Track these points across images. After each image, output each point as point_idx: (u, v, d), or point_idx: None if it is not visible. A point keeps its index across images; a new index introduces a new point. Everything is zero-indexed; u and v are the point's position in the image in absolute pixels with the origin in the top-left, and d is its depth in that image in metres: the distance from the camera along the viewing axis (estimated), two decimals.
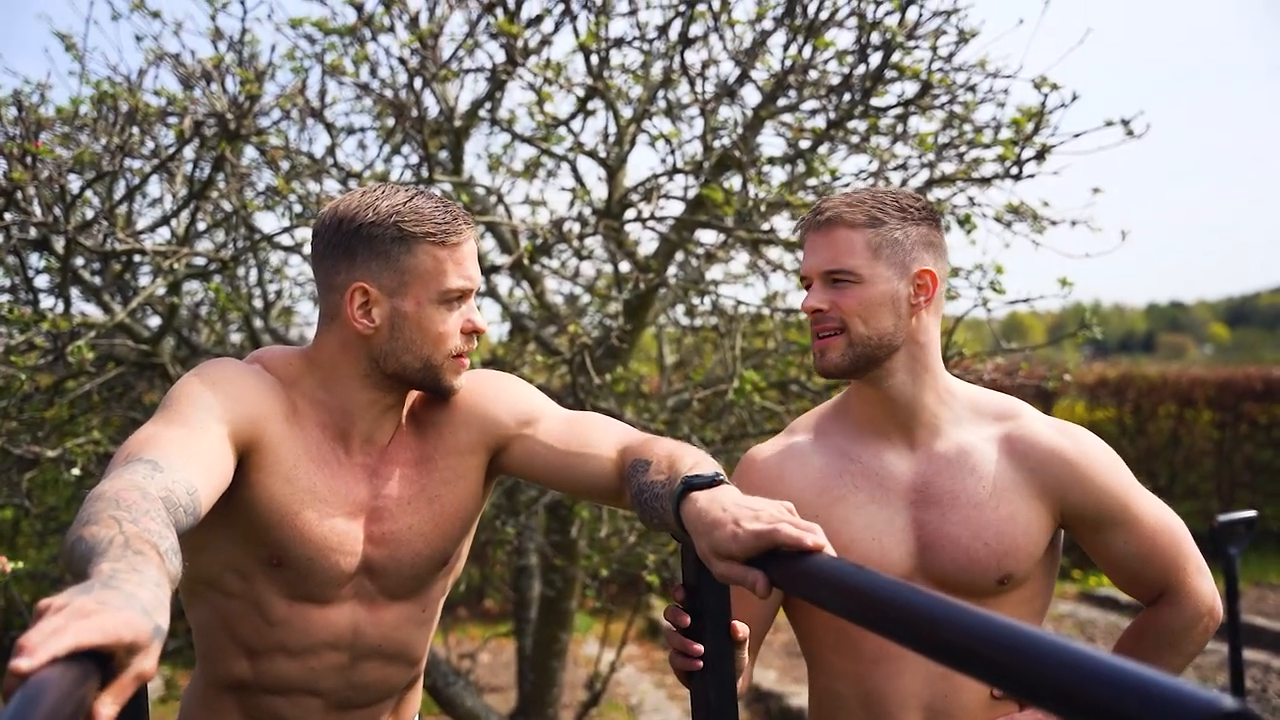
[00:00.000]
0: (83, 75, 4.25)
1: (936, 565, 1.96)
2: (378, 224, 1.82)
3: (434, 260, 1.83)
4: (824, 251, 1.97)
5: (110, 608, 1.09)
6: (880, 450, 2.03)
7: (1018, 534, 1.94)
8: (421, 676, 2.13)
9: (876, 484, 2.01)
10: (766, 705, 6.84)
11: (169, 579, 1.26)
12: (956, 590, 1.93)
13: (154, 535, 1.32)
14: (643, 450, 1.79)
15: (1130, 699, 0.85)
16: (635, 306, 4.53)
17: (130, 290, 4.37)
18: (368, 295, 1.84)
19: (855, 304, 1.95)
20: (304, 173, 4.14)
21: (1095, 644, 8.05)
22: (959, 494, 1.97)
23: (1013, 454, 2.00)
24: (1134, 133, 3.92)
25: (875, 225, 1.96)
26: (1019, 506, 1.96)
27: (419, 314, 1.84)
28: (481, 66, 4.33)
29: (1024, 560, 1.95)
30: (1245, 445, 11.39)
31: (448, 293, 1.84)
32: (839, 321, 1.96)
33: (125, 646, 1.08)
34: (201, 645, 1.96)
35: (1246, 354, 38.97)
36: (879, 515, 1.99)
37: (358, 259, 1.84)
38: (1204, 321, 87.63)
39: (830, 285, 1.97)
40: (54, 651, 1.01)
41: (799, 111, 4.31)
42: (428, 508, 1.95)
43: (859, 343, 1.95)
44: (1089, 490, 1.97)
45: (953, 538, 1.95)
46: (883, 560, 1.96)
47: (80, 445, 3.78)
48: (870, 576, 1.26)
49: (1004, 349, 4.40)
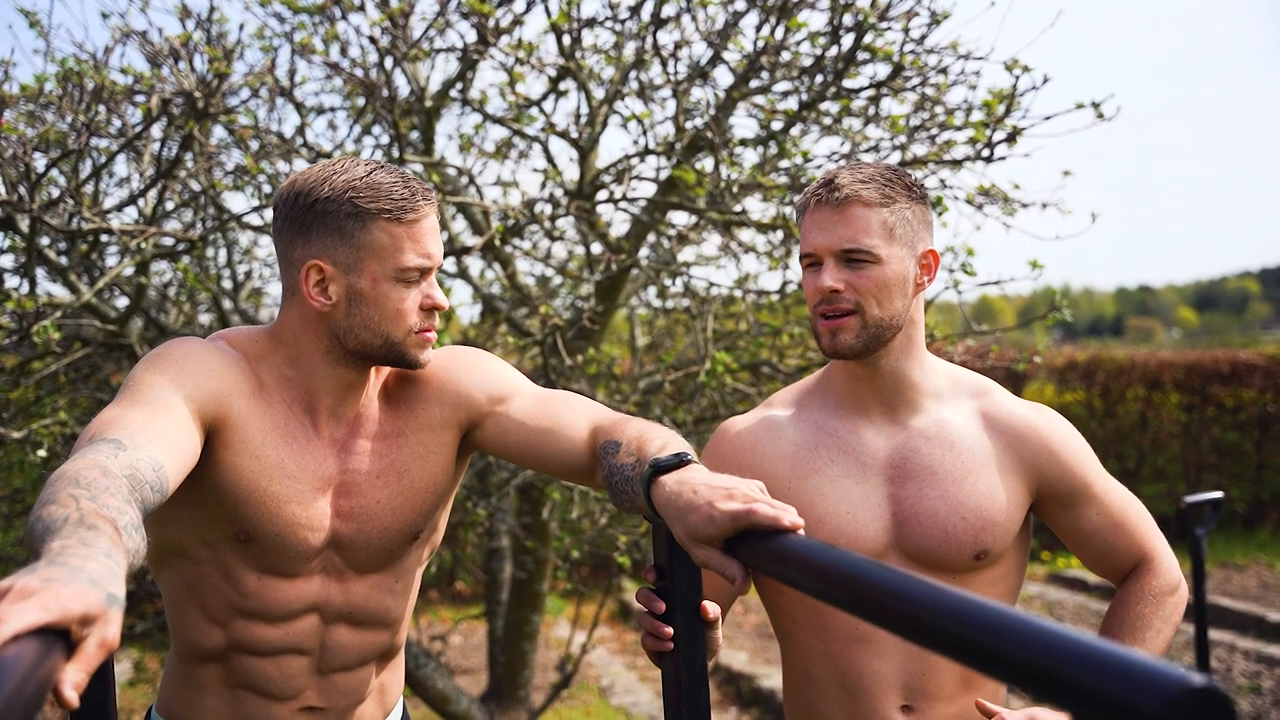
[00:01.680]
0: (48, 52, 4.20)
1: (913, 540, 1.95)
2: (333, 199, 1.80)
3: (390, 237, 1.80)
4: (841, 229, 1.92)
5: (55, 584, 1.07)
6: (858, 425, 2.03)
7: (995, 509, 1.95)
8: (403, 650, 2.11)
9: (853, 458, 2.00)
10: (738, 687, 6.86)
11: (125, 551, 1.24)
12: (932, 566, 1.94)
13: (111, 510, 1.31)
14: (614, 431, 1.79)
15: (1101, 676, 0.85)
16: (607, 288, 4.53)
17: (97, 270, 4.33)
18: (323, 272, 1.82)
19: (872, 285, 1.91)
20: (273, 152, 4.11)
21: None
22: (936, 469, 1.97)
23: (989, 429, 2.00)
24: (1104, 115, 3.93)
25: (889, 204, 1.93)
26: (996, 482, 1.96)
27: (375, 291, 1.82)
28: (453, 46, 4.30)
29: (1000, 536, 1.95)
30: (1212, 428, 11.49)
31: (405, 270, 1.82)
32: (853, 303, 1.92)
33: (77, 619, 1.06)
34: (173, 617, 1.95)
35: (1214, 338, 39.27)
36: (854, 489, 1.98)
37: (313, 235, 1.82)
38: (1172, 305, 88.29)
39: (845, 265, 1.92)
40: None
41: (771, 93, 4.30)
42: (397, 482, 1.94)
43: (872, 324, 1.93)
44: (1063, 464, 1.99)
45: (930, 512, 1.95)
46: (858, 535, 1.95)
47: (46, 426, 3.75)
48: (843, 556, 1.26)
49: (975, 331, 4.42)
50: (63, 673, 1.06)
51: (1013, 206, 4.32)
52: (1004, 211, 4.34)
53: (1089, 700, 0.87)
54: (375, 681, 2.05)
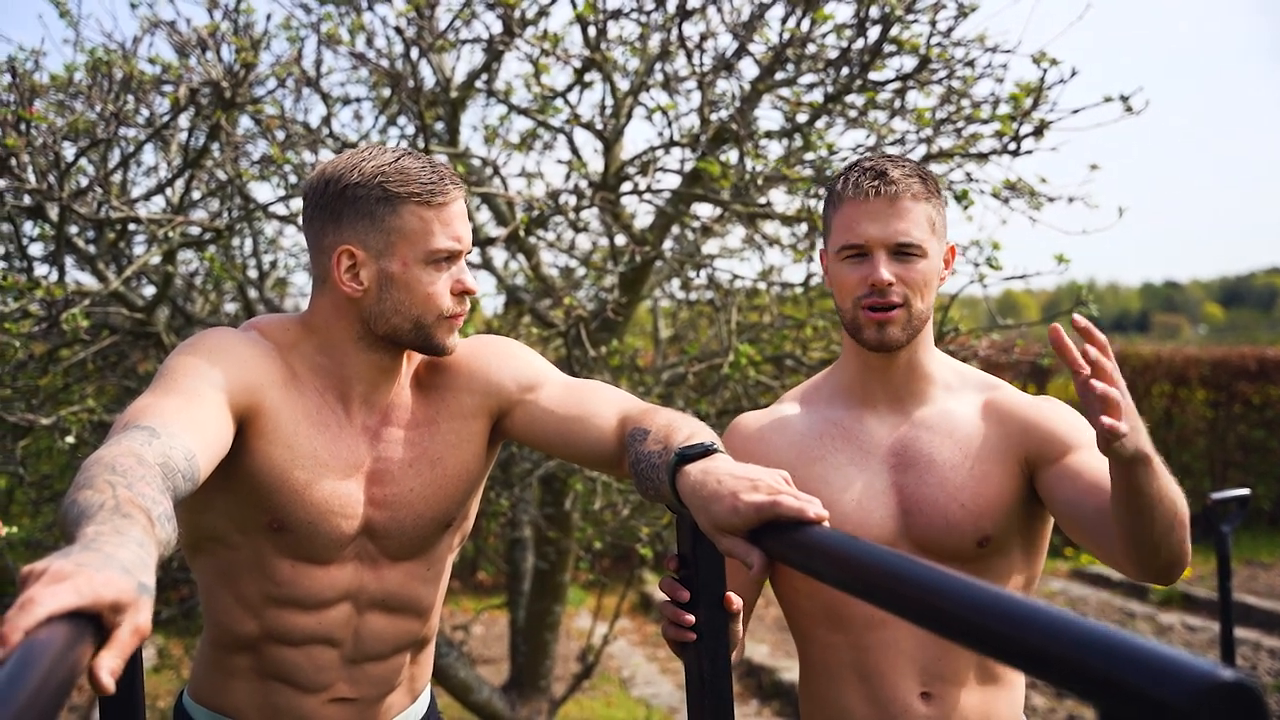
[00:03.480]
0: (77, 42, 4.22)
1: (917, 529, 1.96)
2: (363, 185, 1.81)
3: (420, 220, 1.81)
4: (894, 222, 1.91)
5: (88, 569, 1.09)
6: (862, 415, 2.04)
7: (991, 494, 1.94)
8: (434, 639, 2.12)
9: (856, 447, 2.01)
10: (759, 679, 6.87)
11: (156, 542, 1.26)
12: (938, 554, 1.94)
13: (146, 500, 1.32)
14: (642, 419, 1.79)
15: (1128, 669, 0.85)
16: (631, 280, 4.52)
17: (125, 259, 4.35)
18: (355, 258, 1.83)
19: (919, 278, 1.92)
20: (299, 142, 4.12)
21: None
22: (934, 456, 1.97)
23: (990, 417, 2.00)
24: (1133, 109, 3.91)
25: (932, 198, 1.95)
26: (992, 467, 1.95)
27: (406, 275, 1.83)
28: (478, 37, 4.31)
29: (1000, 520, 1.94)
30: (1238, 425, 11.43)
31: (434, 253, 1.83)
32: (902, 296, 1.92)
33: (109, 605, 1.08)
34: (208, 604, 1.96)
35: (1241, 334, 38.98)
36: (858, 477, 1.99)
37: (344, 221, 1.83)
38: (1198, 301, 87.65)
39: (895, 257, 1.92)
40: (28, 624, 1.01)
41: (797, 85, 4.29)
42: (430, 470, 1.95)
43: (916, 317, 1.94)
44: (1051, 428, 1.93)
45: (930, 500, 1.95)
46: (864, 523, 1.96)
47: (74, 413, 3.77)
48: (869, 548, 1.26)
49: (999, 325, 4.40)
50: (99, 659, 1.07)
51: (1039, 200, 4.30)
52: (1030, 205, 4.31)
53: (1116, 693, 0.86)
54: (406, 671, 2.05)
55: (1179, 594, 8.45)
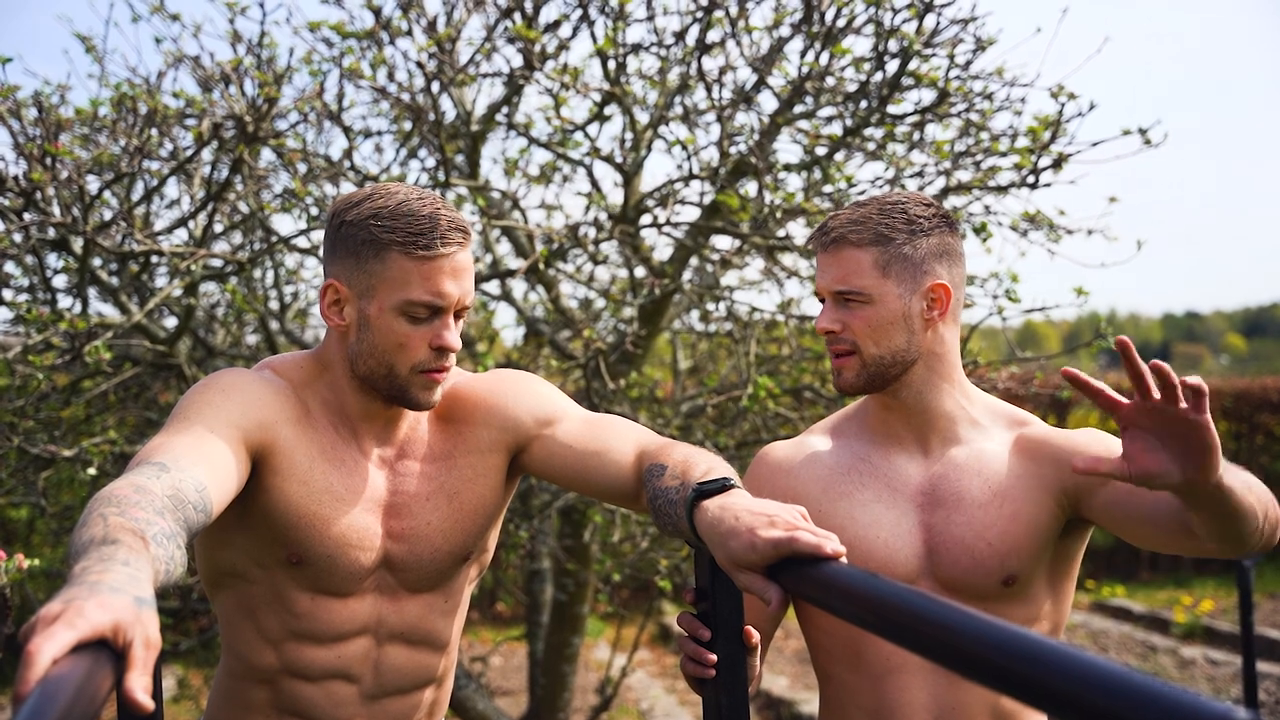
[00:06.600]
0: (102, 77, 4.28)
1: (942, 567, 1.95)
2: (354, 224, 1.82)
3: (400, 270, 1.79)
4: (832, 271, 1.96)
5: (76, 601, 1.12)
6: (891, 453, 2.04)
7: (1020, 532, 1.92)
8: (453, 672, 2.12)
9: (884, 484, 2.01)
10: (778, 712, 6.83)
11: (149, 557, 1.28)
12: (962, 593, 1.93)
13: (138, 522, 1.35)
14: (660, 454, 1.80)
15: (1144, 711, 0.85)
16: (650, 312, 4.53)
17: (147, 291, 4.39)
18: (339, 293, 1.85)
19: (864, 325, 1.94)
20: (321, 175, 4.16)
21: (1108, 655, 8.02)
22: (963, 495, 1.96)
23: (1022, 454, 1.98)
24: (1151, 141, 3.91)
25: (882, 243, 1.94)
26: (1022, 504, 1.94)
27: (380, 320, 1.82)
28: (499, 71, 4.34)
29: (1027, 559, 1.92)
30: (1260, 456, 11.34)
31: (409, 305, 1.80)
32: (850, 343, 1.96)
33: (108, 628, 1.10)
34: (228, 636, 1.97)
35: (1263, 365, 38.77)
36: (886, 515, 1.98)
37: (335, 256, 1.85)
38: (1220, 332, 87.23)
39: (840, 305, 1.96)
40: (37, 675, 1.02)
41: (815, 118, 4.31)
42: (447, 504, 1.95)
43: (872, 363, 1.95)
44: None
45: (957, 538, 1.94)
46: (889, 561, 1.95)
47: (96, 445, 3.80)
48: (886, 585, 1.26)
49: (1019, 358, 4.39)
50: (126, 682, 1.10)
51: (1058, 233, 4.30)
52: (1049, 238, 4.31)
53: None
54: (425, 706, 2.06)
55: (1201, 627, 8.37)
